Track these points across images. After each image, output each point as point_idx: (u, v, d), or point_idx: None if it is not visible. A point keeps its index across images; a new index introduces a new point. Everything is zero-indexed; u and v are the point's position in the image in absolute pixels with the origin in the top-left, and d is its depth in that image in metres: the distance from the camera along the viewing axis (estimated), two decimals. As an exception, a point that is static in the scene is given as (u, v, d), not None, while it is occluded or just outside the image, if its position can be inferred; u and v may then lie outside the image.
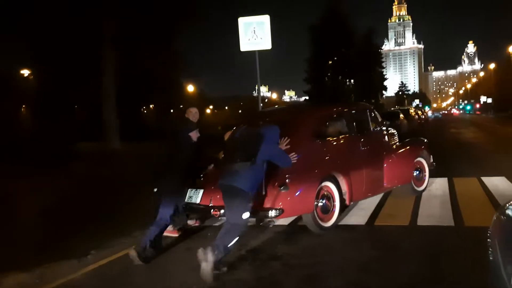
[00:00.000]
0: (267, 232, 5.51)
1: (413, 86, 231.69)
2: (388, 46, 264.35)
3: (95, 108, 21.97)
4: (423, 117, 34.59)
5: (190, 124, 5.28)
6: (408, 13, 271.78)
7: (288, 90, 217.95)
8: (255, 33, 9.92)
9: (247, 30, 10.06)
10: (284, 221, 5.87)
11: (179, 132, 5.27)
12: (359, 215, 6.03)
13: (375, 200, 6.71)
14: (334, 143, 5.92)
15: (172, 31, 22.57)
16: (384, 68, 57.97)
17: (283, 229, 5.65)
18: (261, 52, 10.19)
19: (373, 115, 6.85)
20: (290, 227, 5.79)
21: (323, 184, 5.32)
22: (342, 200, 5.58)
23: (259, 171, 4.41)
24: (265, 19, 10.06)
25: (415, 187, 7.01)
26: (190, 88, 37.90)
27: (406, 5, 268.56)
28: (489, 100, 72.92)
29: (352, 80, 49.22)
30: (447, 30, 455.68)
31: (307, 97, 51.46)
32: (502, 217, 2.32)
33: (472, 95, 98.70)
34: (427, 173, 7.26)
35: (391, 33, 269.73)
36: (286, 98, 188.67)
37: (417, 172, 7.10)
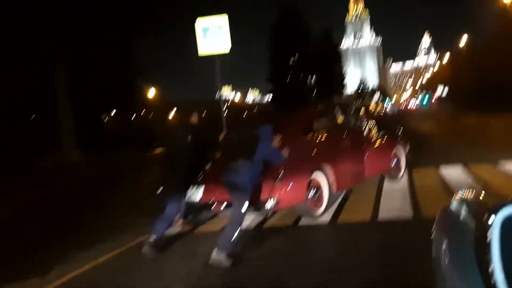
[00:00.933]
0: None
1: (373, 81, 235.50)
2: (347, 43, 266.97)
3: (52, 118, 21.20)
4: (382, 112, 35.31)
5: (180, 129, 5.96)
6: (365, 6, 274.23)
7: (253, 88, 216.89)
8: (213, 37, 9.82)
9: (205, 33, 9.94)
10: (249, 224, 5.92)
11: (178, 135, 5.77)
12: (322, 213, 6.11)
13: (338, 195, 6.81)
14: (321, 138, 6.47)
15: (128, 36, 22.15)
16: (340, 62, 58.84)
17: (249, 233, 5.64)
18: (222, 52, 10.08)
19: (353, 111, 7.57)
20: (256, 230, 5.82)
21: (313, 176, 5.83)
22: (330, 189, 6.08)
23: (257, 167, 4.88)
24: (223, 21, 9.93)
25: (394, 175, 7.65)
26: (151, 93, 37.17)
27: (363, 1, 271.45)
28: (445, 93, 72.65)
29: (313, 79, 49.75)
30: (404, 20, 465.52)
31: (271, 96, 51.72)
32: (446, 210, 2.28)
33: (430, 87, 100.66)
34: (403, 162, 7.90)
35: (349, 30, 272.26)
36: (249, 98, 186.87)
37: (395, 161, 7.66)
